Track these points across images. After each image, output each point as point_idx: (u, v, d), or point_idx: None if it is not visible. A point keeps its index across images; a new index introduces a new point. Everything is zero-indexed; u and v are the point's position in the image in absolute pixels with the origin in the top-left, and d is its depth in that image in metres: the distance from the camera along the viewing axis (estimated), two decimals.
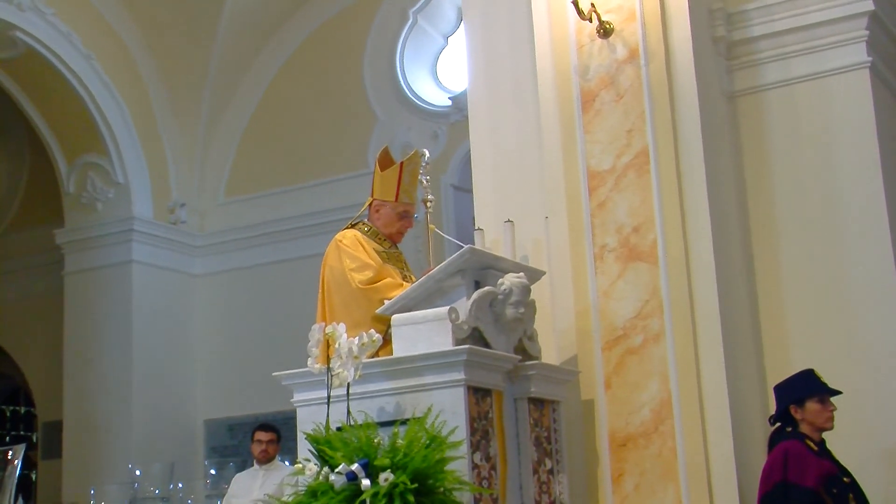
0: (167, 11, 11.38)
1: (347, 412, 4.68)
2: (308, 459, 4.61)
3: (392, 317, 5.07)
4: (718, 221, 5.94)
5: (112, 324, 11.19)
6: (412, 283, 5.25)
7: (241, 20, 11.54)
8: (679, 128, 5.93)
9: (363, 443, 4.50)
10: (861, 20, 6.33)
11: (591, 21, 6.07)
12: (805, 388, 5.24)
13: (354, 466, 4.40)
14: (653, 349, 5.75)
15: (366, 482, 4.36)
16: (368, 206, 5.73)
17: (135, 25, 11.47)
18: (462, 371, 4.76)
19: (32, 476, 12.44)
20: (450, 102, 11.27)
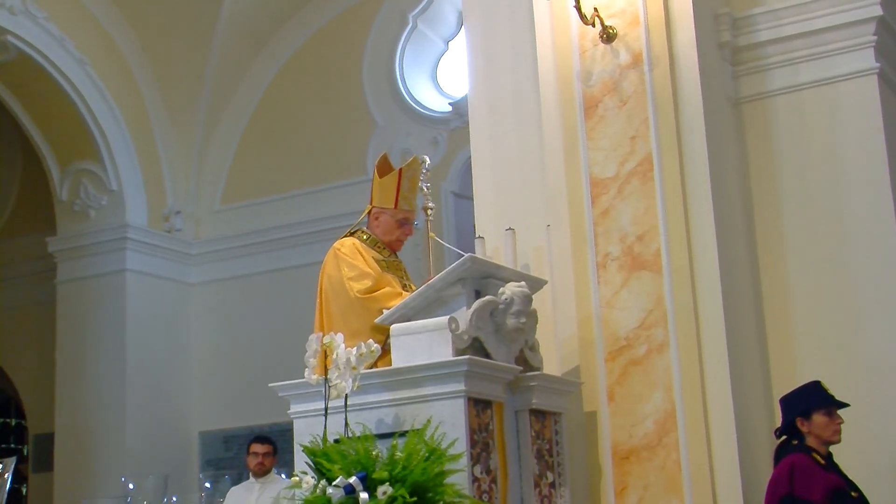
0: (162, 16, 11.39)
1: (345, 424, 4.69)
2: (305, 472, 4.62)
3: (391, 326, 5.08)
4: (723, 230, 5.95)
5: (105, 334, 11.18)
6: (411, 293, 5.26)
7: (238, 23, 11.56)
8: (683, 134, 5.94)
9: (361, 455, 4.51)
10: (869, 25, 6.34)
11: (594, 26, 6.09)
12: (812, 401, 5.25)
13: (352, 479, 4.41)
14: (657, 360, 5.76)
15: (364, 496, 4.37)
16: (367, 214, 5.75)
17: (129, 29, 11.48)
18: (462, 382, 4.77)
19: (23, 490, 12.42)
20: (450, 108, 11.28)
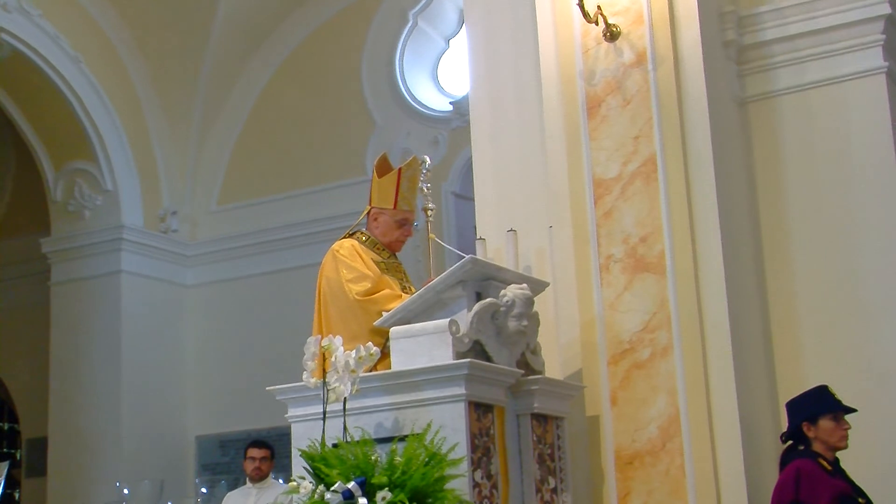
0: (158, 13, 11.39)
1: (344, 428, 4.70)
2: (303, 477, 4.62)
3: (390, 329, 5.09)
4: (729, 231, 5.95)
5: (100, 336, 11.18)
6: (411, 295, 5.27)
7: (236, 21, 11.56)
8: (688, 134, 5.94)
9: (360, 460, 4.51)
10: (877, 24, 6.34)
11: (598, 24, 6.09)
12: (818, 405, 5.24)
13: (351, 485, 4.42)
14: (660, 363, 5.76)
15: (363, 501, 4.38)
16: (366, 215, 5.75)
17: (125, 27, 11.48)
18: (463, 386, 4.78)
19: (16, 495, 12.42)
20: (451, 107, 11.29)
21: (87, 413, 11.04)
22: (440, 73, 11.83)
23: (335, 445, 4.69)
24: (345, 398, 4.66)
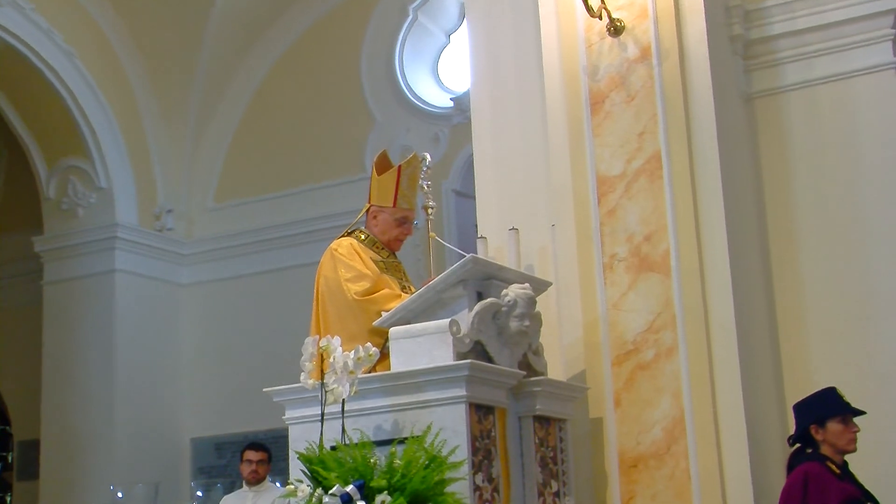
0: (154, 7, 11.39)
1: (342, 430, 4.70)
2: (300, 480, 4.62)
3: (390, 330, 5.09)
4: (735, 230, 5.95)
5: (94, 337, 11.19)
6: (411, 294, 5.27)
7: (232, 15, 11.56)
8: (693, 131, 5.94)
9: (359, 463, 4.51)
10: (886, 18, 6.34)
11: (601, 18, 6.09)
12: (826, 408, 5.24)
13: (349, 488, 4.42)
14: (665, 364, 5.76)
15: None
16: (365, 213, 5.76)
17: (119, 21, 11.48)
18: (463, 387, 4.78)
19: (7, 499, 12.44)
20: (451, 103, 11.29)
21: (81, 415, 11.04)
22: (441, 69, 11.83)
23: (333, 448, 4.69)
24: (343, 400, 4.66)
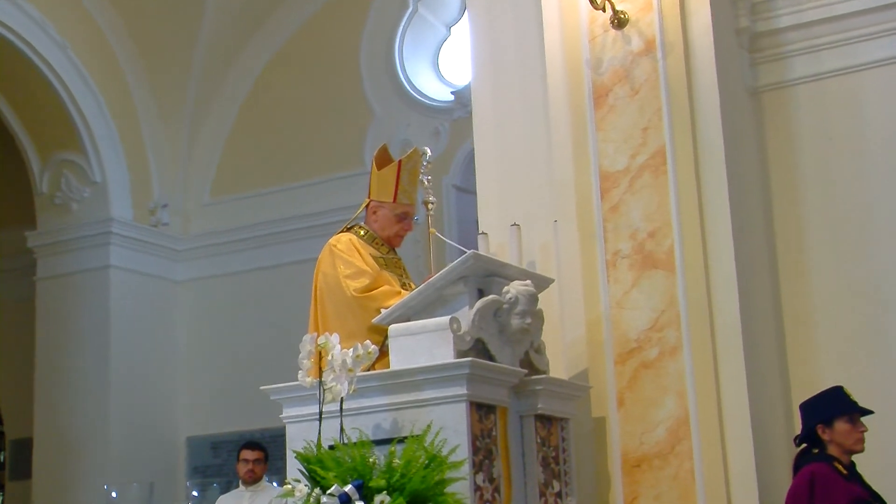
0: None
1: (341, 429, 4.70)
2: (298, 480, 4.63)
3: (389, 327, 5.09)
4: (740, 226, 5.95)
5: (88, 333, 11.18)
6: (411, 291, 5.27)
7: (229, 7, 11.55)
8: (699, 125, 5.95)
9: (357, 462, 4.51)
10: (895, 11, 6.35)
11: (605, 10, 6.10)
12: (833, 407, 5.24)
13: (348, 488, 4.42)
14: (669, 363, 5.77)
15: None
16: (365, 208, 5.76)
17: (114, 12, 11.46)
18: (464, 386, 4.78)
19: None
20: (452, 97, 11.28)
21: (74, 413, 11.04)
22: (441, 62, 11.82)
23: (331, 447, 4.69)
24: (342, 398, 4.66)
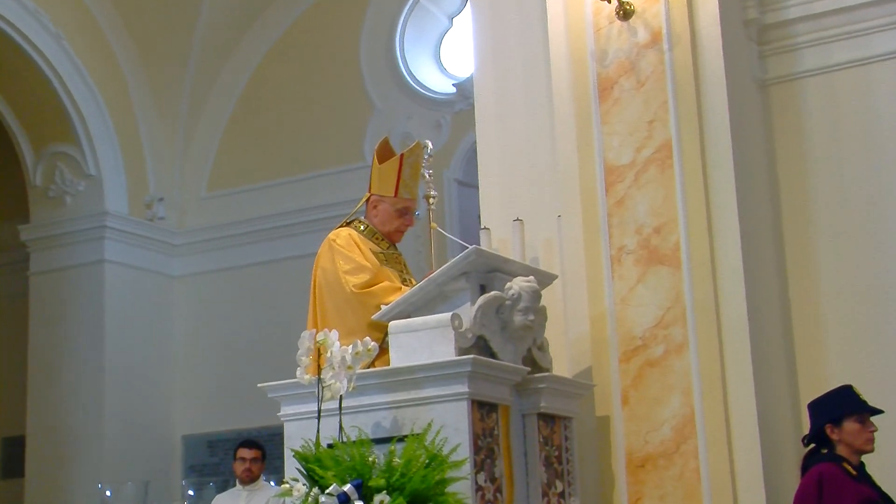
0: None
1: (339, 428, 4.70)
2: (296, 479, 4.63)
3: (389, 323, 5.09)
4: (748, 221, 5.95)
5: (82, 329, 11.19)
6: (412, 287, 5.26)
7: None
8: (706, 119, 5.94)
9: (356, 461, 4.51)
10: None
11: (610, 2, 6.09)
12: (843, 406, 5.24)
13: (347, 487, 4.42)
14: (675, 361, 5.76)
15: None
16: (365, 202, 5.75)
17: (109, 3, 11.45)
18: (465, 383, 4.78)
19: None
20: (454, 89, 11.28)
21: (68, 411, 11.05)
22: (443, 53, 11.82)
23: (330, 446, 4.69)
24: (341, 396, 4.66)
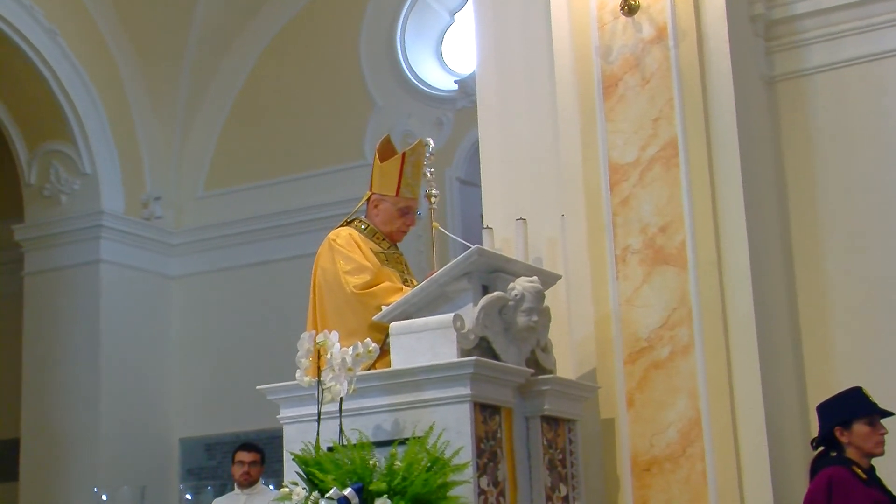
0: None
1: (340, 430, 4.70)
2: (295, 483, 4.63)
3: (390, 325, 5.09)
4: (755, 220, 5.95)
5: (77, 330, 11.19)
6: (413, 288, 5.26)
7: None
8: (712, 116, 5.94)
9: (357, 465, 4.51)
10: None
11: None
12: (852, 408, 5.24)
13: (347, 491, 4.42)
14: (681, 363, 5.76)
15: None
16: (366, 201, 5.75)
17: None
18: (468, 385, 4.78)
19: None
20: (456, 86, 11.27)
21: (63, 413, 11.04)
22: (445, 50, 11.82)
23: (330, 449, 4.69)
24: (341, 398, 4.66)
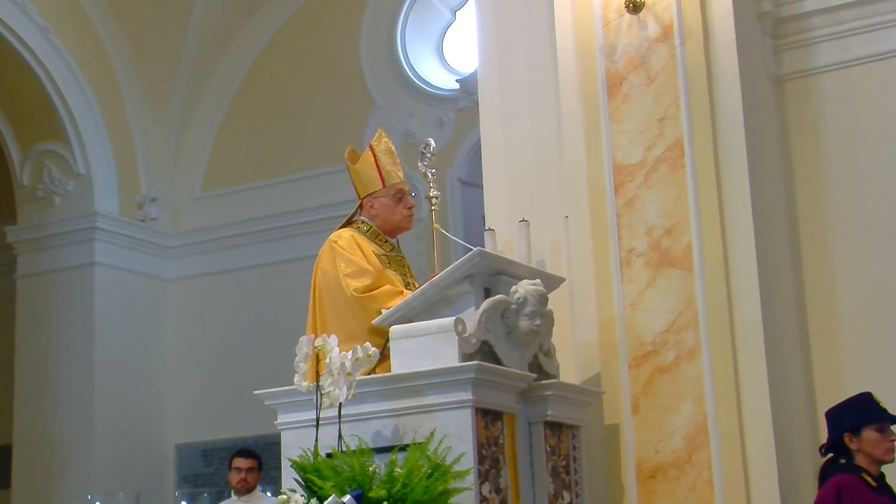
0: None
1: (339, 436, 4.70)
2: (294, 490, 4.63)
3: (391, 328, 5.08)
4: (762, 222, 5.95)
5: (71, 334, 11.19)
6: (414, 291, 5.26)
7: None
8: (718, 116, 5.94)
9: (356, 471, 4.51)
10: None
11: None
12: (862, 414, 5.23)
13: (346, 498, 4.42)
14: (686, 367, 5.76)
15: None
16: (361, 209, 5.73)
17: None
18: (469, 390, 4.78)
19: None
20: (457, 86, 11.29)
21: (57, 418, 11.05)
22: (446, 48, 11.82)
23: (329, 455, 4.69)
24: (340, 403, 4.65)
